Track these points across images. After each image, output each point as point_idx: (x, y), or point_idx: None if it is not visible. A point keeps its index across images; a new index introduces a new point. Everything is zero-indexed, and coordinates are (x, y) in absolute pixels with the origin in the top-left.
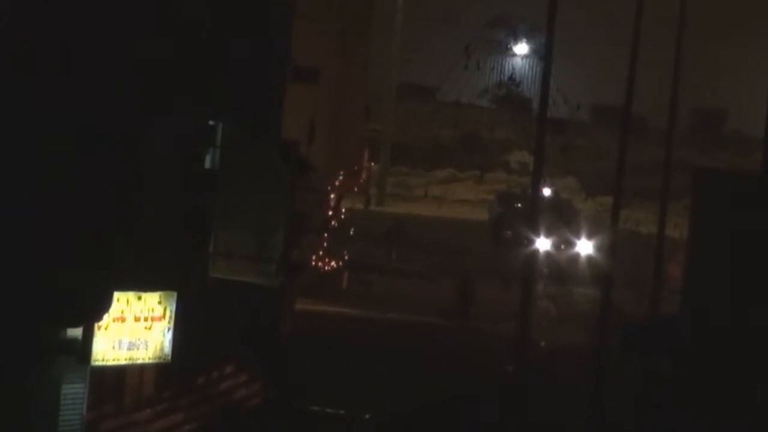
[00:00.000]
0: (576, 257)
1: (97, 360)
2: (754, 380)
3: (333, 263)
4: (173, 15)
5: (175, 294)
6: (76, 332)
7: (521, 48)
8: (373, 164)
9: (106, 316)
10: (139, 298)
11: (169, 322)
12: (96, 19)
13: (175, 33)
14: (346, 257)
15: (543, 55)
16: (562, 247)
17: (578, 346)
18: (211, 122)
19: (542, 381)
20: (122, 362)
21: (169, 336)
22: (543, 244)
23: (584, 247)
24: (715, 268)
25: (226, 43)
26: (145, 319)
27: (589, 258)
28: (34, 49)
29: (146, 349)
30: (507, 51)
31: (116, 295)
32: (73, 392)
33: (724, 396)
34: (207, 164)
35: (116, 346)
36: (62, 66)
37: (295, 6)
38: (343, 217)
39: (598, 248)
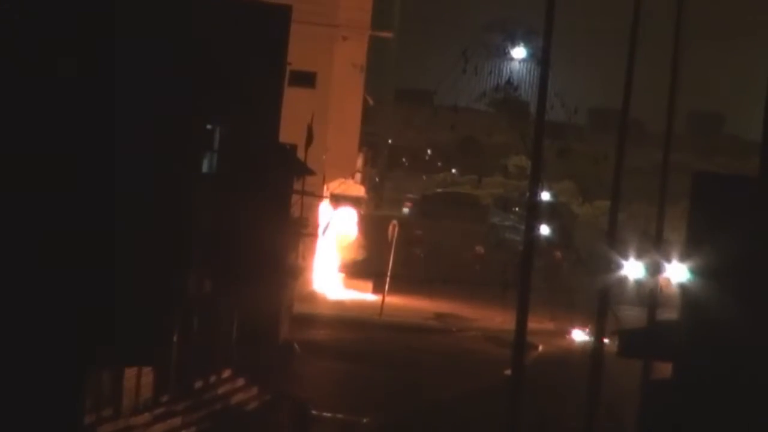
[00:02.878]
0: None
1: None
2: (754, 383)
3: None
4: (172, 24)
5: None
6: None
7: (519, 52)
8: (370, 168)
9: None
10: None
11: None
12: (96, 29)
13: (173, 40)
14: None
15: (540, 59)
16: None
17: (575, 350)
18: (208, 126)
19: (539, 385)
20: None
21: None
22: (634, 269)
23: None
24: (713, 272)
25: (223, 48)
26: None
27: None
28: (35, 59)
29: None
30: (504, 55)
31: None
32: (71, 395)
33: (724, 399)
34: (205, 168)
35: None
36: (63, 72)
37: (292, 10)
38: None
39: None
